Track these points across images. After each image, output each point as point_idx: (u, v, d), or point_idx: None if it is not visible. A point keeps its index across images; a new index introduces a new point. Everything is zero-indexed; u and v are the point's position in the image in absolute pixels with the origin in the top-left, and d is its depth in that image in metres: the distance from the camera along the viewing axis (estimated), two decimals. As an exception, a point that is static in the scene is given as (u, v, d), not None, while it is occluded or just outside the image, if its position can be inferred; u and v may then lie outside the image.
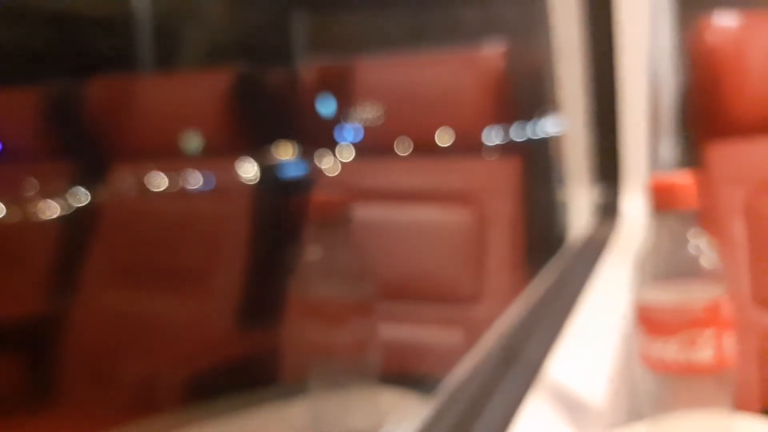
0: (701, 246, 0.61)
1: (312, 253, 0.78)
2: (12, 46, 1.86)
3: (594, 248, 1.22)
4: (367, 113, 1.60)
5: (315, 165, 1.74)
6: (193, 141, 1.81)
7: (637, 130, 1.39)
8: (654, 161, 1.44)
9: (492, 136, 1.55)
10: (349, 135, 1.77)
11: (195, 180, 1.77)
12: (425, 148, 1.56)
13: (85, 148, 1.88)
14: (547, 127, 1.59)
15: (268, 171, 1.77)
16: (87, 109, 1.92)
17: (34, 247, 1.83)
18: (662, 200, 0.63)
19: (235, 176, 1.73)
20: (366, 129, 1.62)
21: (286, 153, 1.82)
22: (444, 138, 1.56)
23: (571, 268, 1.14)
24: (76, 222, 1.84)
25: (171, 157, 1.81)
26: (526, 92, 1.63)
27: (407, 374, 0.90)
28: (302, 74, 1.91)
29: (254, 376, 1.39)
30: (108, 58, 2.04)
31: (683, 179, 0.63)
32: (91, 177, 1.86)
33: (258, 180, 1.71)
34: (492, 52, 1.55)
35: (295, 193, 1.72)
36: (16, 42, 1.88)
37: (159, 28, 2.33)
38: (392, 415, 0.78)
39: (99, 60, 1.97)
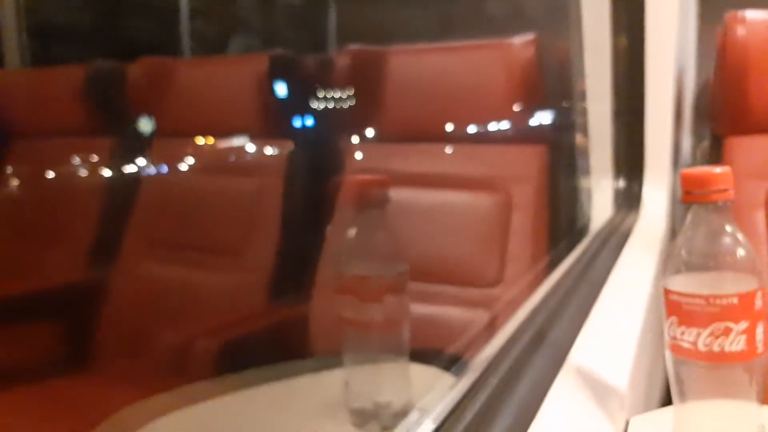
0: (737, 237, 0.60)
1: (350, 232, 0.77)
2: (59, 26, 1.86)
3: (617, 237, 1.21)
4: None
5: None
6: (229, 122, 1.80)
7: (662, 122, 1.36)
8: (676, 153, 1.41)
9: (519, 125, 1.53)
10: (306, 122, 1.75)
11: (232, 159, 1.77)
12: (453, 134, 1.55)
13: (128, 125, 1.89)
14: (573, 116, 1.56)
15: (301, 151, 1.76)
16: (130, 89, 1.92)
17: (76, 219, 1.84)
18: (697, 191, 0.61)
19: (270, 156, 1.72)
20: (396, 114, 1.60)
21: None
22: (472, 125, 1.54)
23: (595, 256, 1.12)
24: (117, 195, 1.85)
25: (211, 136, 1.80)
26: (553, 82, 1.61)
27: (435, 352, 0.89)
28: (336, 60, 1.89)
29: (285, 348, 1.39)
30: (151, 41, 2.04)
31: (719, 170, 0.61)
32: (133, 153, 1.86)
33: (291, 159, 1.70)
34: (521, 41, 1.52)
35: (326, 173, 1.71)
36: (64, 22, 1.88)
37: (198, 13, 2.33)
38: (421, 390, 0.77)
39: (143, 42, 1.97)
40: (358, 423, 0.77)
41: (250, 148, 1.76)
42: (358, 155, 1.65)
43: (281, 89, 1.80)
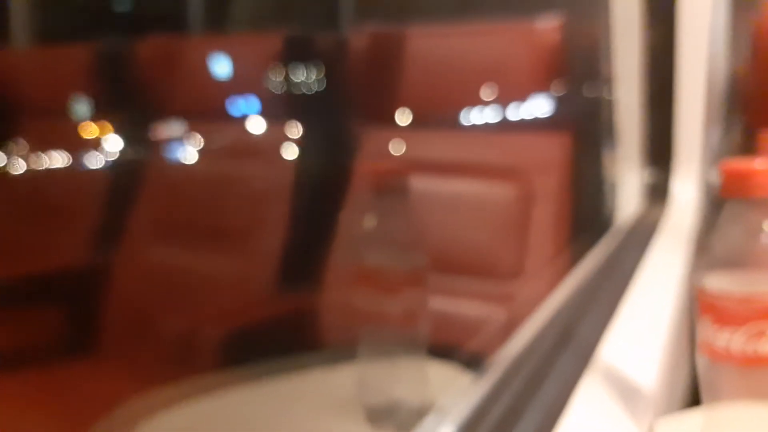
0: (777, 235, 0.58)
1: (368, 221, 0.76)
2: (69, 5, 1.86)
3: (644, 231, 1.19)
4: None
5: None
6: (242, 103, 1.79)
7: (693, 111, 1.34)
8: (707, 144, 1.39)
9: (542, 111, 1.51)
10: (247, 107, 1.73)
11: (239, 141, 1.77)
12: (473, 120, 1.53)
13: (135, 105, 1.89)
14: (599, 104, 1.54)
15: (313, 135, 1.75)
16: (138, 68, 1.91)
17: (81, 201, 1.84)
18: (736, 186, 0.59)
19: (280, 139, 1.71)
20: (414, 99, 1.59)
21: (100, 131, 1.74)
22: (493, 111, 1.52)
23: (622, 251, 1.11)
24: (122, 178, 1.85)
25: (218, 118, 1.80)
26: (580, 68, 1.59)
27: (451, 347, 0.89)
28: (352, 40, 1.88)
29: (295, 339, 1.39)
30: (159, 19, 2.03)
31: (759, 165, 0.59)
32: (139, 134, 1.86)
33: (302, 143, 1.69)
34: (546, 25, 1.50)
35: (339, 158, 1.70)
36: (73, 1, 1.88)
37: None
38: (439, 388, 0.76)
39: (151, 20, 1.97)
40: (373, 421, 0.77)
41: (260, 130, 1.76)
42: (374, 140, 1.63)
43: (295, 69, 1.79)
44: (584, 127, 1.51)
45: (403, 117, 1.61)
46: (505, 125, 1.52)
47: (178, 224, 1.74)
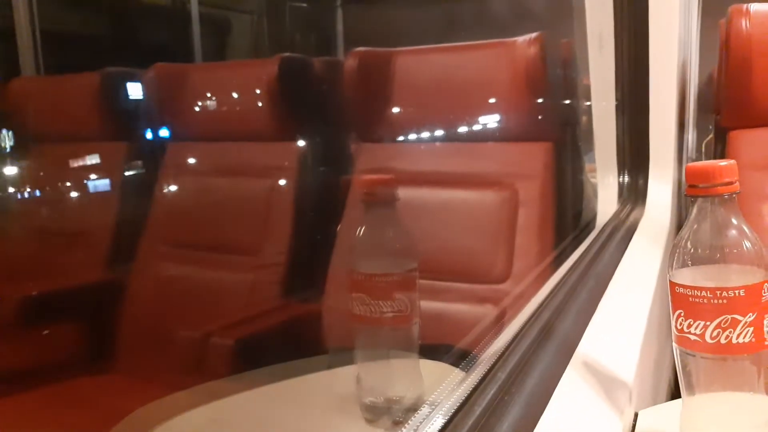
0: (743, 230, 0.58)
1: (360, 229, 0.77)
2: (77, 34, 1.87)
3: (623, 231, 1.19)
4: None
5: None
6: (242, 125, 1.80)
7: (666, 116, 1.35)
8: (681, 147, 1.40)
9: (525, 122, 1.52)
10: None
11: (244, 161, 1.77)
12: (460, 133, 1.54)
13: (144, 129, 1.89)
14: (578, 112, 1.55)
15: (312, 152, 1.76)
16: (146, 94, 1.92)
17: (97, 221, 1.84)
18: (702, 185, 0.60)
19: (281, 157, 1.72)
20: (404, 114, 1.59)
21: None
22: (479, 124, 1.53)
23: (601, 250, 1.11)
24: (134, 198, 1.85)
25: (222, 140, 1.80)
26: (558, 78, 1.59)
27: (445, 348, 0.89)
28: (344, 62, 1.88)
29: (299, 344, 1.39)
30: (164, 47, 2.04)
31: (724, 163, 0.59)
32: (149, 156, 1.86)
33: (302, 160, 1.70)
34: (526, 39, 1.50)
35: (336, 172, 1.71)
36: (81, 29, 1.89)
37: (209, 19, 2.33)
38: (432, 385, 0.76)
39: (157, 48, 1.97)
40: (370, 418, 0.77)
41: (263, 149, 1.76)
42: (368, 155, 1.64)
43: (291, 91, 1.79)
44: (565, 134, 1.51)
45: (395, 131, 1.62)
46: (491, 136, 1.52)
47: (188, 240, 1.74)
